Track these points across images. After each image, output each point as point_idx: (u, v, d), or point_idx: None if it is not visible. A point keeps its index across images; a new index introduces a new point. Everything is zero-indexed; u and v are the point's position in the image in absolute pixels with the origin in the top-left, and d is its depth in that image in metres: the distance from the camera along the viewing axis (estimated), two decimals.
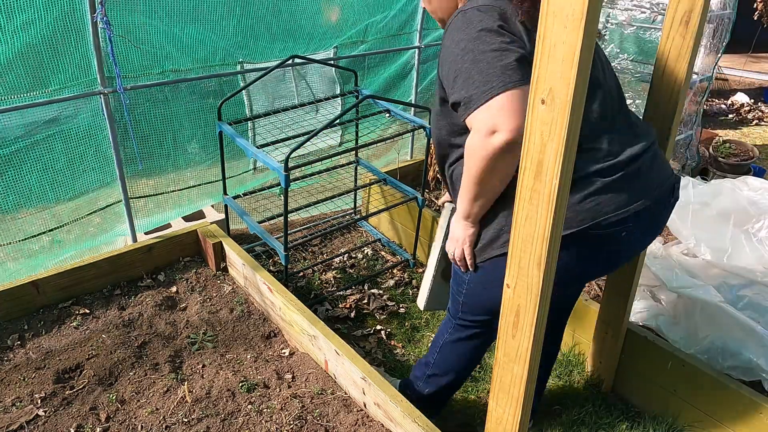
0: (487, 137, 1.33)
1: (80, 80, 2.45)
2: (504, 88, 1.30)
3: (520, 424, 1.44)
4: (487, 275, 1.56)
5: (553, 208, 1.13)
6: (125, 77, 2.45)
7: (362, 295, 2.85)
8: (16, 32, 2.22)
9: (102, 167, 2.78)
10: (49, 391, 2.03)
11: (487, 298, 1.58)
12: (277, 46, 3.13)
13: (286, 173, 2.28)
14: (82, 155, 2.71)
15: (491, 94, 1.31)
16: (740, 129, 5.67)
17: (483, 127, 1.33)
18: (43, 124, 2.55)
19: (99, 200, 2.96)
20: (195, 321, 2.43)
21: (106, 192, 2.91)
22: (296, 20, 3.16)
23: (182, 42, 2.76)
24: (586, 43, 0.99)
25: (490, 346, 1.85)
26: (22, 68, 2.30)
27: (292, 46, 3.17)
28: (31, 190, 2.61)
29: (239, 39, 3.00)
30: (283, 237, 2.51)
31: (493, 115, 1.31)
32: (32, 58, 2.34)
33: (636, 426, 2.13)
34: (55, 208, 2.82)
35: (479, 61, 1.34)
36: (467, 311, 1.71)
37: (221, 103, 2.66)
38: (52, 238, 2.91)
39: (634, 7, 3.92)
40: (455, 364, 1.86)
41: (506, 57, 1.32)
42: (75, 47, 2.39)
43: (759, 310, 2.28)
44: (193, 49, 2.83)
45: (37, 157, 2.59)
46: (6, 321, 2.36)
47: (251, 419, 1.96)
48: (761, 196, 2.60)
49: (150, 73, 2.69)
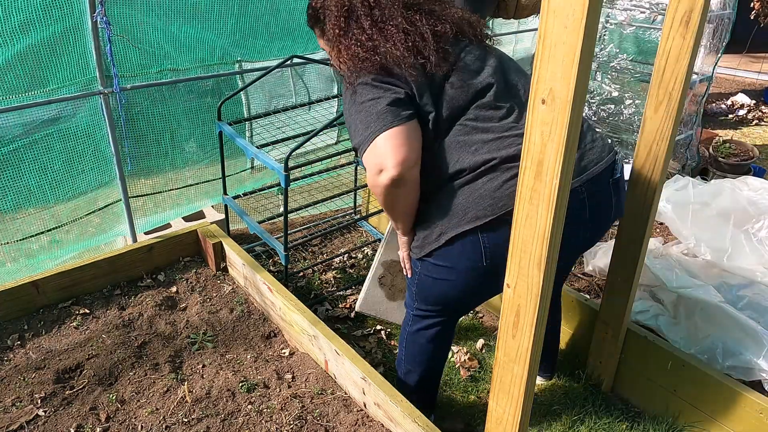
0: (377, 176, 1.50)
1: (78, 79, 2.45)
2: (380, 131, 1.47)
3: (520, 424, 1.44)
4: (429, 267, 1.69)
5: (553, 208, 1.13)
6: (123, 76, 2.46)
7: None
8: (14, 32, 2.22)
9: (101, 167, 2.78)
10: (49, 391, 2.03)
11: (437, 288, 1.72)
12: (276, 45, 3.12)
13: (286, 173, 2.28)
14: (82, 155, 2.71)
15: (372, 138, 1.49)
16: (740, 129, 5.67)
17: (371, 168, 1.51)
18: (41, 124, 2.55)
19: (98, 200, 2.96)
20: (195, 321, 2.43)
21: (105, 192, 2.91)
22: (295, 19, 3.16)
23: (180, 41, 2.76)
24: (587, 43, 0.99)
25: (450, 338, 1.94)
26: (20, 68, 2.30)
27: (291, 45, 3.17)
28: (30, 190, 2.61)
29: (237, 38, 3.00)
30: (283, 237, 2.51)
31: (376, 155, 1.49)
32: (31, 58, 2.34)
33: (636, 426, 2.13)
34: (54, 208, 2.82)
35: (359, 111, 1.54)
36: (421, 300, 1.82)
37: (221, 103, 2.65)
38: (52, 238, 2.91)
39: (633, 7, 3.92)
40: (420, 356, 1.92)
41: (379, 104, 1.50)
42: (74, 47, 2.39)
43: (759, 310, 2.28)
44: (192, 48, 2.83)
45: (36, 157, 2.59)
46: (6, 321, 2.36)
47: (251, 419, 1.96)
48: (761, 196, 2.60)
49: (148, 72, 2.69)
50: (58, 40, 2.35)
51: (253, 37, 3.06)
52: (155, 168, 2.97)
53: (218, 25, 2.90)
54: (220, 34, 2.93)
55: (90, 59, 2.40)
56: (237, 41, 3.01)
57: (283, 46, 3.14)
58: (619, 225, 1.99)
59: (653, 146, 1.81)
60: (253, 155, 2.47)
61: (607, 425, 2.13)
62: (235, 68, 3.04)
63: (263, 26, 3.06)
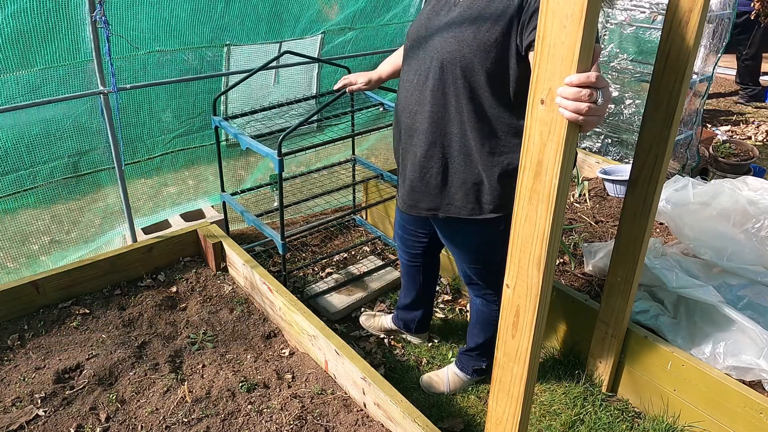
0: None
1: (73, 61, 2.45)
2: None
3: (520, 424, 1.44)
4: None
5: (553, 208, 1.13)
6: (113, 59, 2.43)
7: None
8: (6, 20, 2.21)
9: (101, 166, 2.78)
10: (49, 391, 2.03)
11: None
12: (263, 27, 3.10)
13: (279, 158, 2.28)
14: (81, 155, 2.72)
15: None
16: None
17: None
18: (40, 123, 2.55)
19: (98, 200, 2.96)
20: (195, 321, 2.43)
21: (105, 192, 2.91)
22: (282, 3, 3.14)
23: (170, 24, 2.75)
24: (585, 43, 0.99)
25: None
26: (10, 50, 2.30)
27: (278, 28, 3.14)
28: (29, 190, 2.61)
29: (226, 20, 2.98)
30: (280, 227, 2.50)
31: None
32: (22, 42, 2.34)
33: (636, 426, 2.13)
34: (54, 208, 2.82)
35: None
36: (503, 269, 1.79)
37: (216, 98, 2.65)
38: (52, 238, 2.91)
39: (633, 7, 3.92)
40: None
41: None
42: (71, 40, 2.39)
43: (759, 310, 2.27)
44: (180, 31, 2.81)
45: (35, 157, 2.59)
46: (6, 321, 2.36)
47: (251, 419, 1.96)
48: (761, 196, 2.59)
49: (136, 55, 2.67)
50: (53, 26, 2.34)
51: (241, 19, 3.03)
52: (136, 140, 2.94)
53: (208, 8, 2.88)
54: (209, 17, 2.90)
55: (81, 46, 2.39)
56: (225, 24, 2.99)
57: (271, 29, 3.11)
58: (619, 225, 1.99)
59: (653, 146, 1.81)
60: (247, 145, 2.48)
61: (607, 425, 2.13)
62: (224, 51, 3.02)
63: (251, 8, 3.04)
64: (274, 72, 3.38)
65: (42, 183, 2.63)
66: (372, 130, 2.98)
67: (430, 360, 2.46)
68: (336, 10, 3.38)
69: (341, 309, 2.71)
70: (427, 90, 1.73)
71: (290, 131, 2.30)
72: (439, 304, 2.79)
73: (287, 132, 2.29)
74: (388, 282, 2.91)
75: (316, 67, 3.57)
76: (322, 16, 3.32)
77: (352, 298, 2.78)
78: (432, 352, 2.50)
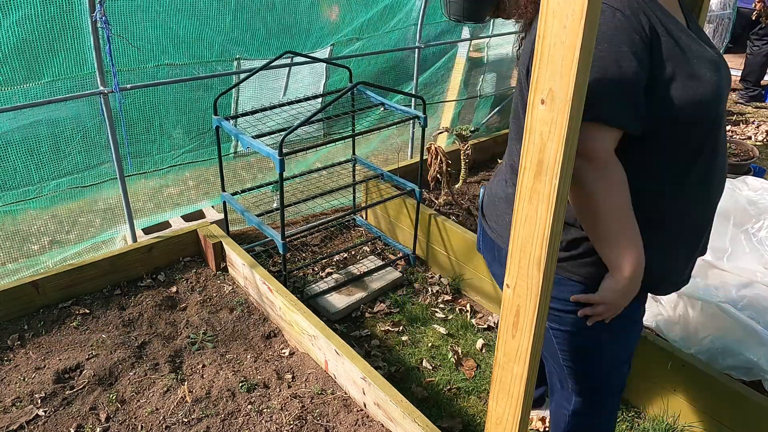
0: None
1: (76, 73, 2.46)
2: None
3: (520, 424, 1.44)
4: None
5: (553, 208, 1.13)
6: (120, 71, 2.45)
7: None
8: (11, 28, 2.22)
9: (101, 166, 2.78)
10: (49, 391, 2.03)
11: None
12: (274, 42, 3.11)
13: (280, 157, 2.29)
14: (81, 154, 2.71)
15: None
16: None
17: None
18: (40, 123, 2.55)
19: (98, 200, 2.96)
20: (195, 321, 2.43)
21: (105, 192, 2.91)
22: (291, 16, 3.15)
23: (179, 37, 2.76)
24: (586, 43, 0.99)
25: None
26: (17, 61, 2.30)
27: (289, 42, 3.16)
28: (29, 190, 2.61)
29: (236, 34, 2.99)
30: (280, 226, 2.50)
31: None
32: (28, 53, 2.34)
33: (636, 426, 2.13)
34: (54, 208, 2.82)
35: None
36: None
37: (217, 98, 2.65)
38: (52, 239, 2.91)
39: None
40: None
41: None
42: (71, 43, 2.39)
43: (759, 310, 2.28)
44: (190, 45, 2.82)
45: (35, 156, 2.59)
46: (6, 321, 2.36)
47: (251, 419, 1.96)
48: (761, 196, 2.60)
49: (145, 67, 2.68)
50: (57, 36, 2.34)
51: (251, 33, 3.04)
52: (142, 152, 2.95)
53: (216, 21, 2.89)
54: (218, 31, 2.91)
55: (87, 56, 2.39)
56: (235, 38, 3.00)
57: (281, 44, 3.13)
58: None
59: None
60: (248, 145, 2.48)
61: None
62: (234, 66, 3.03)
63: (260, 22, 3.05)
64: (284, 84, 3.40)
65: (47, 192, 2.64)
66: (373, 130, 2.98)
67: (430, 360, 2.46)
68: (337, 11, 3.39)
69: (341, 309, 2.70)
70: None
71: (291, 131, 2.30)
72: (439, 304, 2.79)
73: (288, 132, 2.30)
74: (388, 282, 2.91)
75: (323, 77, 3.58)
76: (329, 25, 3.32)
77: (352, 298, 2.78)
78: (432, 353, 2.51)
